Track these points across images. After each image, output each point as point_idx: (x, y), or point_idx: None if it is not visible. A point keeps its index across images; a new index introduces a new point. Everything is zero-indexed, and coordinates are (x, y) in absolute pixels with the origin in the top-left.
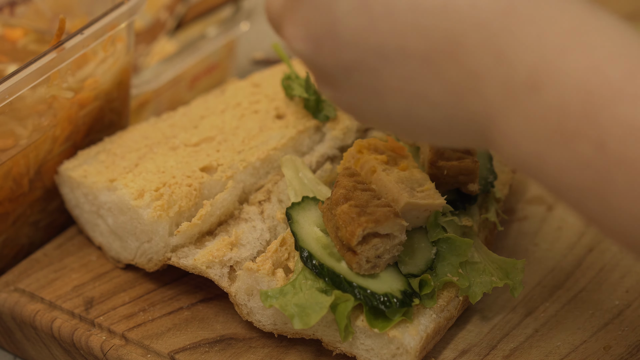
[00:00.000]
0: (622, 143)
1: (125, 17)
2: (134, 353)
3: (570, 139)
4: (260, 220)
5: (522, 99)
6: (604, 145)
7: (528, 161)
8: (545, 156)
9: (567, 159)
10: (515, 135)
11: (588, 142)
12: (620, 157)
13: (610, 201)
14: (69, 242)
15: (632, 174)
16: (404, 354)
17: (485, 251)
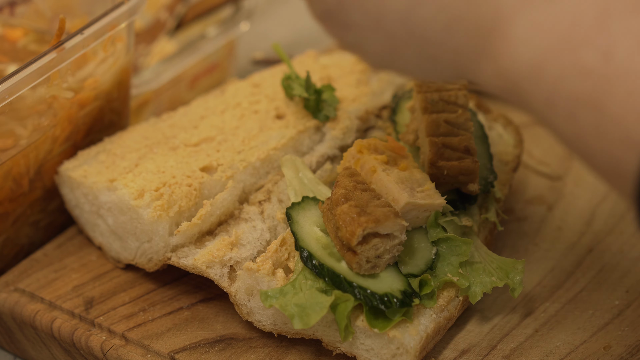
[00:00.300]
0: (630, 54)
1: (125, 17)
2: (134, 353)
3: (577, 46)
4: (260, 220)
5: (535, 5)
6: (611, 54)
7: (524, 71)
8: (545, 64)
9: (569, 67)
10: (520, 42)
11: (595, 50)
12: (626, 68)
13: (606, 112)
14: (69, 242)
15: (634, 85)
16: (404, 354)
17: (485, 251)
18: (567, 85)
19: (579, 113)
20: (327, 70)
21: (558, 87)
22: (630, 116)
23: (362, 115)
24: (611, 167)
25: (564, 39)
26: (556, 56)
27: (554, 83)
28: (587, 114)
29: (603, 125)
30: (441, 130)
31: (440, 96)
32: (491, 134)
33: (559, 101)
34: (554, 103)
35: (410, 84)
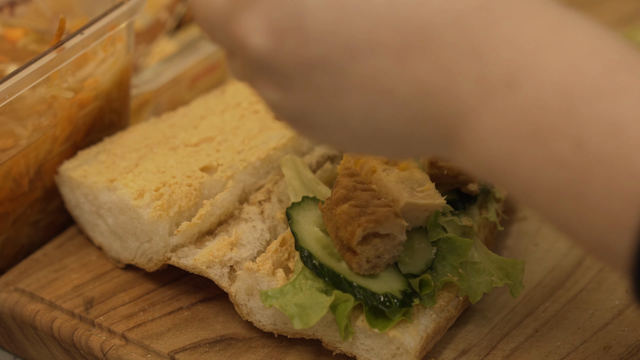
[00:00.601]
0: (601, 140)
1: (125, 17)
2: (134, 353)
3: (547, 137)
4: (261, 220)
5: (497, 97)
6: (582, 142)
7: (497, 163)
8: (518, 156)
9: (542, 158)
10: (488, 135)
11: (566, 139)
12: (600, 155)
13: (586, 201)
14: (69, 242)
15: (611, 171)
16: (404, 354)
17: (485, 251)
18: (543, 177)
19: (559, 204)
20: None
21: (534, 179)
22: (613, 201)
23: None
24: (602, 250)
25: (533, 129)
26: (528, 148)
27: (529, 175)
28: (567, 204)
29: (586, 213)
30: None
31: None
32: None
33: (537, 192)
34: (532, 194)
35: None
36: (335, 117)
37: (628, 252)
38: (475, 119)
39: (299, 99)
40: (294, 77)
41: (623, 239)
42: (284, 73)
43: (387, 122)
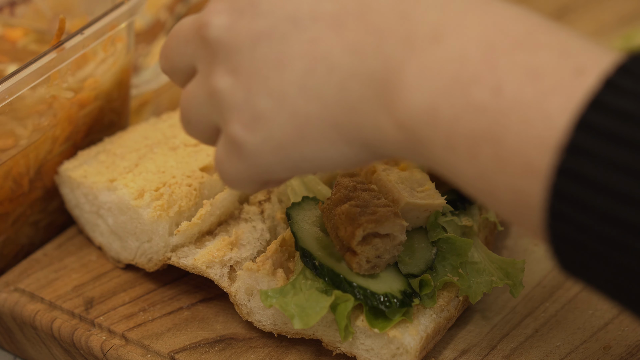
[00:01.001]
0: (519, 85)
1: (125, 17)
2: (134, 353)
3: (467, 85)
4: (261, 220)
5: (422, 51)
6: (501, 88)
7: (419, 117)
8: (439, 106)
9: (463, 105)
10: (411, 88)
11: (485, 86)
12: (518, 99)
13: (504, 146)
14: (69, 242)
15: (527, 115)
16: (404, 354)
17: (485, 251)
18: (463, 124)
19: (478, 150)
20: None
21: (455, 127)
22: (528, 145)
23: None
24: (515, 202)
25: (454, 79)
26: (448, 97)
27: (450, 124)
28: (486, 150)
29: (503, 159)
30: None
31: None
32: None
33: (457, 141)
34: (452, 144)
35: None
36: (274, 95)
37: (540, 199)
38: (401, 74)
39: (245, 81)
40: (243, 53)
41: (536, 184)
42: (235, 50)
43: (321, 86)
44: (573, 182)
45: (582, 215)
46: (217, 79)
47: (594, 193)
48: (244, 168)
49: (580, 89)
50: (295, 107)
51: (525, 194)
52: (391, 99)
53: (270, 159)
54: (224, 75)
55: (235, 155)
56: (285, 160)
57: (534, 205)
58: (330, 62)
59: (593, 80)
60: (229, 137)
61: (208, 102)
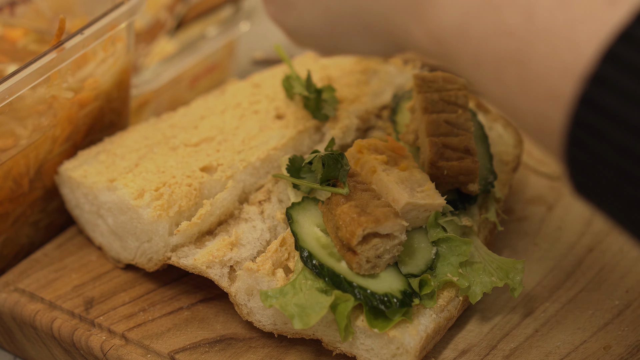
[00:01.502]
0: (550, 11)
1: (125, 17)
2: (134, 353)
3: (500, 6)
4: (261, 220)
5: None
6: (532, 12)
7: (450, 32)
8: (470, 24)
9: (493, 26)
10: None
11: (517, 10)
12: (547, 25)
13: (529, 70)
14: (69, 242)
15: (556, 41)
16: (404, 354)
17: (485, 251)
18: (492, 44)
19: (504, 71)
20: (327, 71)
21: (483, 47)
22: (554, 72)
23: (362, 115)
24: (537, 124)
25: None
26: (480, 16)
27: (479, 43)
28: (512, 72)
29: (528, 82)
30: (441, 130)
31: (440, 96)
32: (491, 134)
33: (485, 60)
34: (480, 62)
35: (411, 84)
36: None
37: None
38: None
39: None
40: None
41: (558, 110)
42: None
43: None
44: (594, 112)
45: (599, 144)
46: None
47: (612, 124)
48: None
49: (610, 20)
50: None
51: (547, 117)
52: (424, 10)
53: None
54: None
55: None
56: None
57: (554, 129)
58: None
59: (624, 12)
60: None
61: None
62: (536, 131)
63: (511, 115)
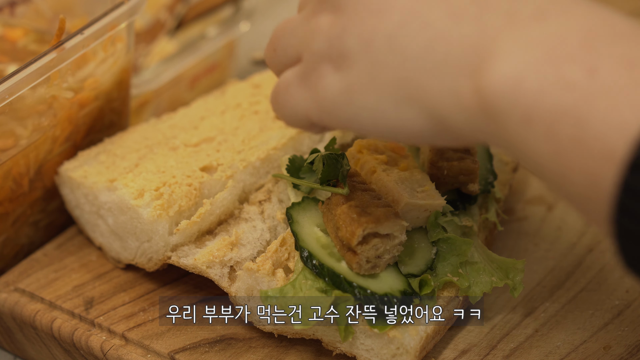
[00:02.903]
0: (614, 72)
1: (125, 17)
2: (134, 353)
3: (562, 61)
4: (261, 220)
5: (523, 25)
6: (596, 70)
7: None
8: (526, 78)
9: (551, 80)
10: (502, 57)
11: (580, 66)
12: (610, 83)
13: (586, 126)
14: (69, 242)
15: (617, 100)
16: (404, 354)
17: (485, 251)
18: (548, 98)
19: (558, 128)
20: None
21: (538, 101)
22: (612, 131)
23: None
24: (586, 189)
25: (548, 54)
26: (538, 70)
27: (533, 96)
28: (567, 128)
29: (583, 140)
30: None
31: None
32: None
33: (537, 115)
34: (531, 118)
35: None
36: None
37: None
38: (496, 42)
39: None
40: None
41: (612, 172)
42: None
43: (406, 41)
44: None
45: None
46: (320, 16)
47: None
48: (309, 99)
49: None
50: (378, 54)
51: (598, 179)
52: (478, 64)
53: (337, 98)
54: (327, 13)
55: (307, 85)
56: (348, 104)
57: (604, 193)
58: (426, 19)
59: None
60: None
61: (303, 33)
62: (583, 196)
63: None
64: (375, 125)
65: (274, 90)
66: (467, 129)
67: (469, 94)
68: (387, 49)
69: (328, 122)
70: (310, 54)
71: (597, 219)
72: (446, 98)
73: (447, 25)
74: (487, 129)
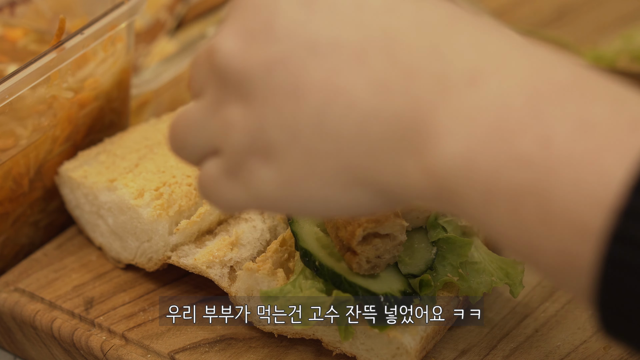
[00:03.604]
0: (570, 138)
1: (125, 17)
2: (134, 353)
3: (511, 134)
4: (261, 220)
5: (457, 94)
6: (550, 140)
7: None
8: (478, 156)
9: (505, 156)
10: (446, 133)
11: (532, 137)
12: (568, 153)
13: (551, 203)
14: (69, 242)
15: (579, 171)
16: (404, 354)
17: (485, 251)
18: (506, 176)
19: (522, 205)
20: None
21: (495, 180)
22: (579, 204)
23: None
24: (561, 264)
25: (496, 126)
26: (489, 146)
27: (490, 176)
28: (530, 206)
29: (550, 216)
30: None
31: None
32: None
33: (498, 195)
34: (492, 199)
35: None
36: (288, 129)
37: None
38: (433, 119)
39: (258, 111)
40: (255, 81)
41: (587, 247)
42: (248, 77)
43: (338, 123)
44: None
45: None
46: (228, 107)
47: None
48: (243, 194)
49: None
50: (309, 143)
51: (572, 255)
52: (420, 145)
53: (275, 193)
54: (236, 103)
55: (236, 180)
56: (291, 198)
57: (582, 268)
58: (351, 97)
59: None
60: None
61: (214, 127)
62: (560, 272)
63: (530, 256)
64: (326, 210)
65: (198, 183)
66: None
67: (417, 174)
68: (317, 136)
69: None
70: (230, 149)
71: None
72: (394, 178)
73: (375, 100)
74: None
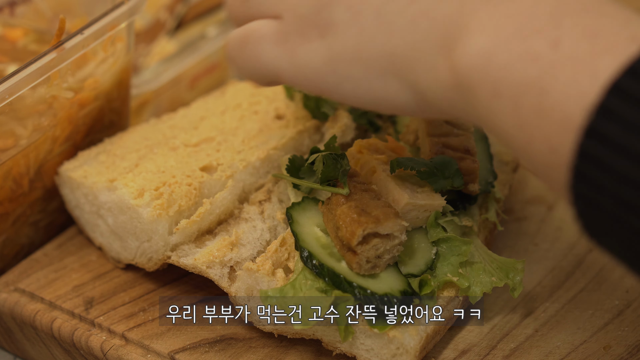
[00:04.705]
0: (575, 43)
1: (125, 17)
2: (134, 353)
3: (528, 36)
4: (261, 220)
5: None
6: (559, 42)
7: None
8: (496, 52)
9: (518, 54)
10: (475, 34)
11: (544, 39)
12: (571, 54)
13: (549, 96)
14: (69, 242)
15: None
16: (404, 354)
17: (485, 251)
18: (514, 71)
19: (522, 100)
20: None
21: (505, 74)
22: (571, 101)
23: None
24: (547, 158)
25: (518, 29)
26: (507, 44)
27: (501, 70)
28: (530, 100)
29: (545, 111)
30: (441, 130)
31: None
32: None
33: (504, 89)
34: (499, 92)
35: None
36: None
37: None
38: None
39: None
40: None
41: (569, 142)
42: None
43: (396, 15)
44: (598, 143)
45: (603, 176)
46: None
47: (616, 155)
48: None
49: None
50: (366, 27)
51: (558, 147)
52: (453, 42)
53: (318, 66)
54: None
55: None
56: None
57: (563, 161)
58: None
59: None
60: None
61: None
62: (545, 165)
63: (522, 148)
64: (357, 96)
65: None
66: (444, 104)
67: (445, 71)
68: (375, 22)
69: (302, 87)
70: (294, 15)
71: (558, 186)
72: (426, 73)
73: (432, 2)
74: (460, 105)
